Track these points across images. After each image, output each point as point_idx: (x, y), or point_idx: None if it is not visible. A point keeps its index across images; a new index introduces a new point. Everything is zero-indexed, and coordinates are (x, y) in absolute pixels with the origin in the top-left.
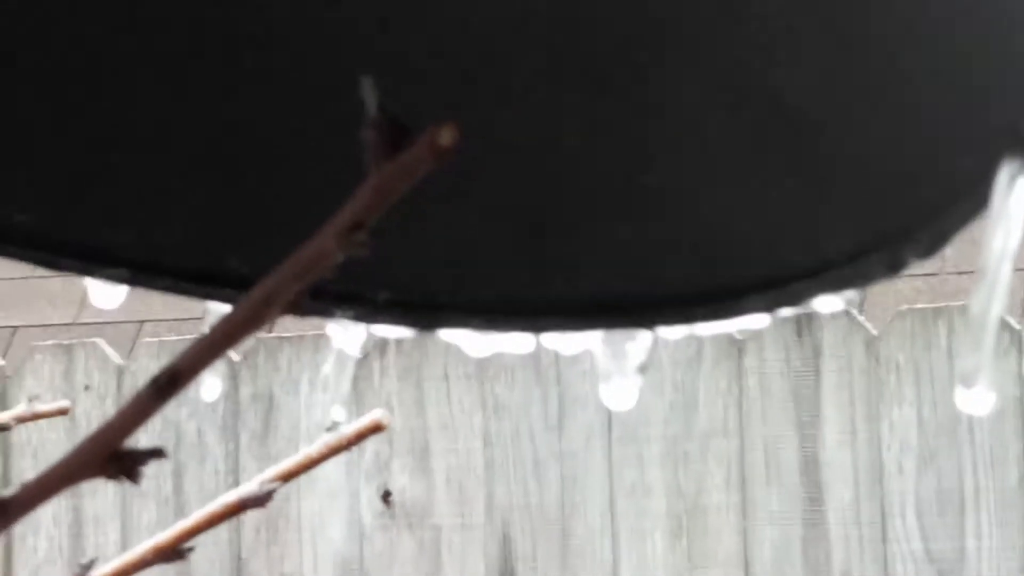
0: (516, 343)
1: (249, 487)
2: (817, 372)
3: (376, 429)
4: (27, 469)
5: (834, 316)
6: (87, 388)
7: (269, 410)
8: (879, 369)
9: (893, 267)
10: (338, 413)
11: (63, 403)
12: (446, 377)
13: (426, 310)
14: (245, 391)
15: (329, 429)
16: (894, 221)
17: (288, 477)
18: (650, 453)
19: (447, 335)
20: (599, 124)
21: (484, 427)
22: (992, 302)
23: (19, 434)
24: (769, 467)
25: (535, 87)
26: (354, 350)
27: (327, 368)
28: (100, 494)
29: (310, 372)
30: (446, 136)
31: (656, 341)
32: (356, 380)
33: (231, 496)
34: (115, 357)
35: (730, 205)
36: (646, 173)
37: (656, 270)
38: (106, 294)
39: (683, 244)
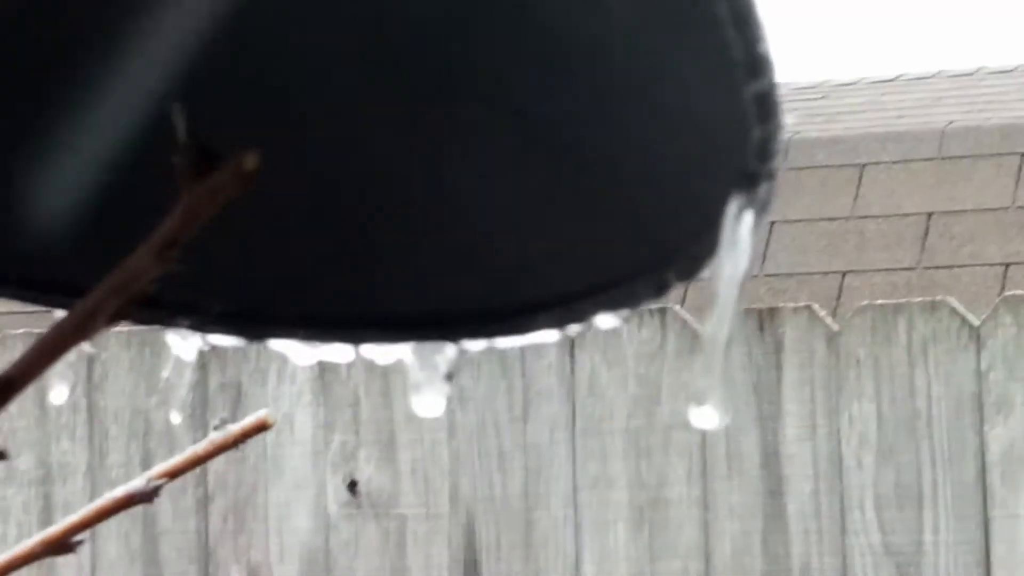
0: (338, 353)
1: (137, 483)
2: (778, 366)
3: (262, 428)
4: None
5: (796, 310)
6: None
7: (237, 400)
8: (839, 364)
9: (660, 289)
10: (174, 416)
11: None
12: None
13: (254, 321)
14: (214, 381)
15: (216, 428)
16: (659, 247)
17: (174, 474)
18: (613, 446)
19: (276, 344)
20: (402, 149)
21: (449, 418)
22: (722, 326)
23: None
24: (730, 460)
25: (346, 111)
26: (191, 356)
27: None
28: (70, 481)
29: (278, 363)
30: (250, 161)
31: (461, 354)
32: (323, 371)
33: (119, 491)
34: None
35: (520, 229)
36: (445, 197)
37: (456, 288)
38: None
39: (479, 264)
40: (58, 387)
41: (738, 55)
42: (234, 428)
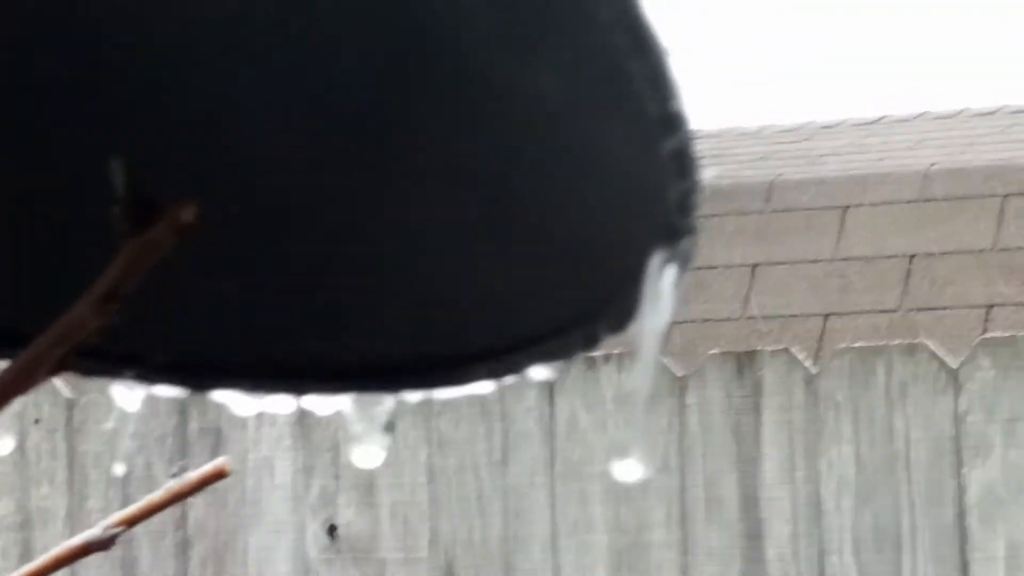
0: (279, 403)
1: (93, 531)
2: (757, 409)
3: (219, 476)
4: None
5: (774, 353)
6: None
7: (217, 444)
8: (818, 407)
9: (590, 341)
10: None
11: None
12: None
13: (198, 372)
14: (193, 425)
15: (174, 475)
16: (589, 300)
17: (132, 522)
18: (592, 489)
19: (218, 395)
20: (339, 203)
21: (429, 462)
22: (644, 379)
23: None
24: (709, 504)
25: (283, 165)
26: (133, 407)
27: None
28: (50, 526)
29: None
30: (187, 213)
31: (397, 404)
32: (303, 415)
33: (76, 540)
34: None
35: (455, 282)
36: (381, 250)
37: (394, 340)
38: None
39: (417, 316)
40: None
41: (652, 113)
42: (192, 476)
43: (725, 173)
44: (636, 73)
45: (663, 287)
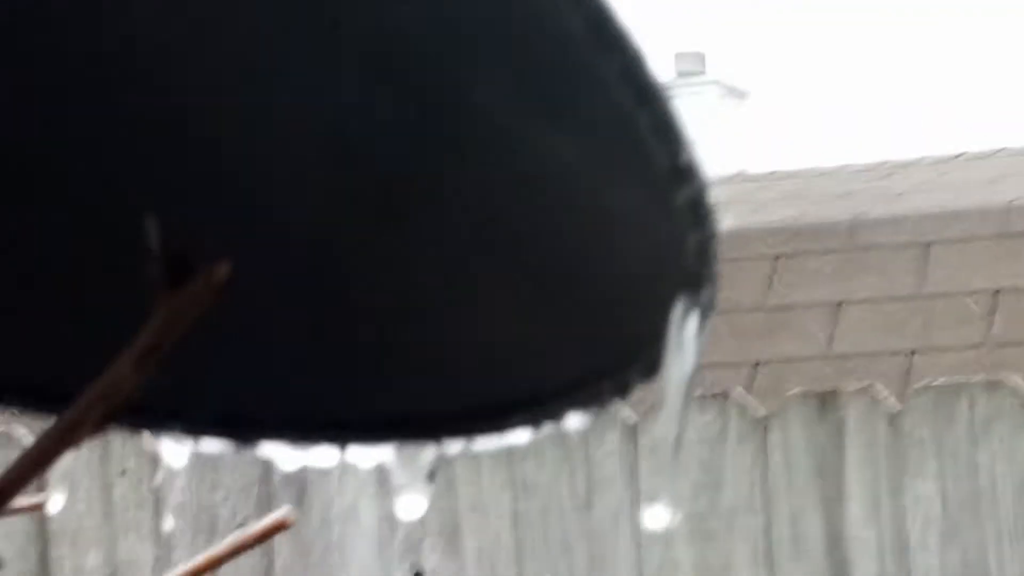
0: (323, 457)
1: None
2: (840, 448)
3: (280, 527)
4: None
5: (857, 392)
6: None
7: (302, 493)
8: (902, 444)
9: (623, 389)
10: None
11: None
12: (476, 456)
13: (242, 426)
14: (278, 475)
15: (239, 526)
16: (619, 349)
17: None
18: (677, 530)
19: (264, 449)
20: (375, 260)
21: (513, 506)
22: (671, 427)
23: None
24: (795, 543)
25: (320, 224)
26: (182, 462)
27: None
28: (138, 575)
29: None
30: (221, 272)
31: (441, 454)
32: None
33: None
34: None
35: (492, 333)
36: (419, 303)
37: (435, 390)
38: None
39: (456, 367)
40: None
41: (662, 164)
42: (254, 528)
43: (805, 212)
44: (642, 125)
45: (686, 335)
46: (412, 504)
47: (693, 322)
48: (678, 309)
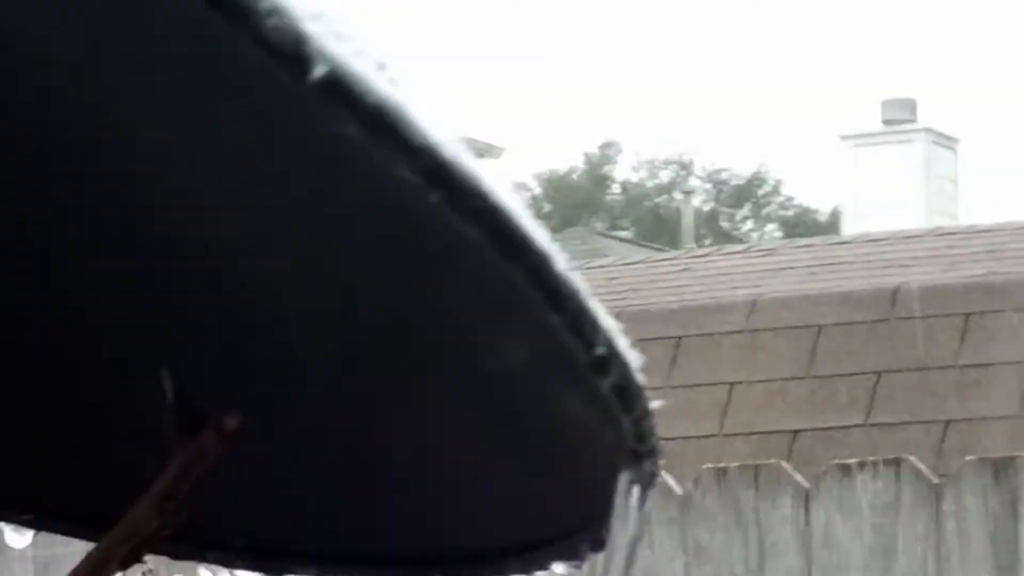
0: None
1: None
2: (1015, 515)
3: None
4: None
5: None
6: None
7: None
8: None
9: (596, 544)
10: None
11: None
12: (648, 521)
13: (274, 557)
14: None
15: None
16: (594, 510)
17: None
18: None
19: None
20: (385, 416)
21: (685, 571)
22: None
23: None
24: None
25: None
26: None
27: None
28: None
29: None
30: (230, 422)
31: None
32: None
33: None
34: None
35: (485, 489)
36: (425, 455)
37: (441, 532)
38: (16, 534)
39: (458, 515)
40: None
41: (581, 361)
42: None
43: (999, 269)
44: (558, 327)
45: (630, 504)
46: None
47: (635, 493)
48: (623, 481)
